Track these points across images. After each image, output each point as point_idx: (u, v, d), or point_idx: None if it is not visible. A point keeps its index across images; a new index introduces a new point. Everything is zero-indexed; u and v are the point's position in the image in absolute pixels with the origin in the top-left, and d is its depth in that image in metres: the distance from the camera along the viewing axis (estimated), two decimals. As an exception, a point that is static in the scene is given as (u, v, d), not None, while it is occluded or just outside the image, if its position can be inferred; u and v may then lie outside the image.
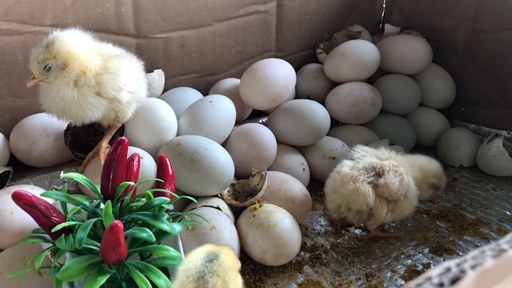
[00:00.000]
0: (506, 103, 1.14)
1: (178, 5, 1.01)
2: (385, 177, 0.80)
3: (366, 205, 0.80)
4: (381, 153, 0.85)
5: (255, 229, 0.78)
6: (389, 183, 0.79)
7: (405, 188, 0.81)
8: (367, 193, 0.79)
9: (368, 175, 0.80)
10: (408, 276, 0.80)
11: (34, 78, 0.73)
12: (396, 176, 0.80)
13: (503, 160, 1.06)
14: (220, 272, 0.42)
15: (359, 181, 0.79)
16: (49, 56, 0.71)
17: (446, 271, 0.25)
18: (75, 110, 0.74)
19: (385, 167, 0.81)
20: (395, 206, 0.82)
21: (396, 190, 0.80)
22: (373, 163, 0.82)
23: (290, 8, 1.18)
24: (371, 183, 0.80)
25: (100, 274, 0.51)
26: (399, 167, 0.82)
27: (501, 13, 1.09)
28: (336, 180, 0.82)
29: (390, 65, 1.19)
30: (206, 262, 0.42)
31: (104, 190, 0.62)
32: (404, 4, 1.32)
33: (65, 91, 0.72)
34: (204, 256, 0.43)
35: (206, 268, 0.42)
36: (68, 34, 0.74)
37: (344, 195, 0.80)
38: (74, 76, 0.72)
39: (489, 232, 0.91)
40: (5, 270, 0.69)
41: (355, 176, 0.80)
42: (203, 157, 0.80)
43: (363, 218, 0.83)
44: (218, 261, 0.43)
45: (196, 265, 0.42)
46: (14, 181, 0.85)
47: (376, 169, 0.81)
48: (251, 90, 1.01)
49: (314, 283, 0.77)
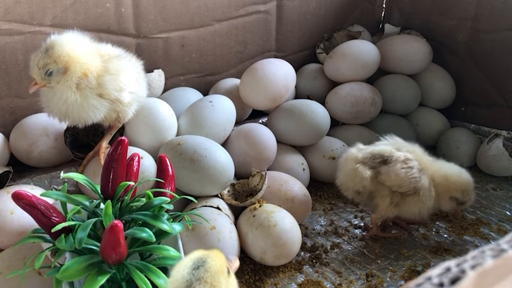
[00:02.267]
0: (506, 103, 1.14)
1: (178, 5, 1.01)
2: (389, 165, 0.80)
3: (363, 187, 0.82)
4: (406, 146, 0.84)
5: (255, 229, 0.78)
6: (390, 172, 0.79)
7: (412, 184, 0.80)
8: (364, 176, 0.81)
9: (373, 160, 0.81)
10: (408, 276, 0.80)
11: (36, 84, 0.72)
12: (403, 168, 0.79)
13: (503, 160, 1.06)
14: (207, 278, 0.41)
15: (359, 163, 0.82)
16: (49, 61, 0.70)
17: (446, 271, 0.25)
18: (78, 112, 0.74)
19: (394, 156, 0.81)
20: (401, 200, 0.81)
21: (397, 182, 0.79)
22: (383, 151, 0.82)
23: (290, 8, 1.18)
24: (374, 168, 0.81)
25: (100, 274, 0.51)
26: (413, 161, 0.81)
27: (501, 13, 1.09)
28: (342, 159, 0.86)
29: (390, 65, 1.19)
30: (193, 270, 0.42)
31: (104, 190, 0.62)
32: (404, 4, 1.32)
33: (67, 94, 0.72)
34: (191, 264, 0.43)
35: (193, 276, 0.42)
36: (67, 37, 0.73)
37: (345, 173, 0.85)
38: (76, 79, 0.72)
39: (489, 232, 0.91)
40: (5, 270, 0.69)
41: (357, 158, 0.83)
42: (203, 157, 0.80)
43: (367, 203, 0.86)
44: (204, 267, 0.42)
45: (183, 274, 0.42)
46: (14, 181, 0.85)
47: (384, 156, 0.81)
48: (251, 90, 1.01)
49: (314, 283, 0.77)
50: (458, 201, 0.83)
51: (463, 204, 0.85)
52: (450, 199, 0.83)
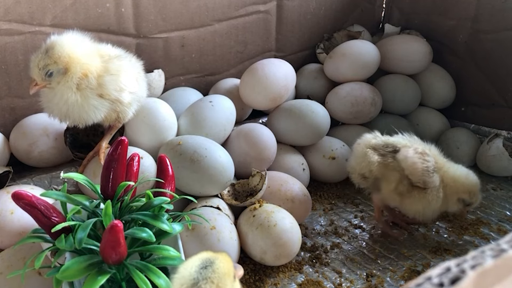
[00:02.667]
0: (506, 103, 1.14)
1: (178, 5, 1.01)
2: (402, 150, 0.81)
3: (369, 172, 0.83)
4: (423, 145, 0.85)
5: (255, 229, 0.78)
6: (408, 157, 0.80)
7: (424, 176, 0.80)
8: (371, 160, 0.82)
9: (385, 148, 0.83)
10: (408, 276, 0.80)
11: (36, 84, 0.72)
12: (420, 158, 0.80)
13: (503, 160, 1.06)
14: (214, 279, 0.42)
15: (370, 148, 0.84)
16: (50, 62, 0.70)
17: (446, 271, 0.25)
18: (79, 113, 0.74)
19: (407, 147, 0.82)
20: (407, 192, 0.82)
21: (411, 169, 0.80)
22: (397, 142, 0.83)
23: (290, 8, 1.18)
24: (383, 156, 0.82)
25: (100, 274, 0.51)
26: (430, 157, 0.81)
27: (501, 13, 1.09)
28: (356, 143, 0.88)
29: (390, 65, 1.19)
30: (201, 269, 0.42)
31: (104, 190, 0.62)
32: (404, 4, 1.32)
33: (68, 95, 0.72)
34: (199, 263, 0.43)
35: (200, 275, 0.42)
36: (67, 38, 0.73)
37: (355, 156, 0.87)
38: (76, 79, 0.72)
39: (489, 232, 0.91)
40: (5, 270, 0.69)
41: (370, 143, 0.84)
42: (203, 157, 0.80)
43: (372, 190, 0.87)
44: (212, 267, 0.42)
45: (191, 272, 0.42)
46: (14, 181, 0.85)
47: (396, 147, 0.83)
48: (251, 90, 1.01)
49: (314, 283, 0.77)
50: (465, 202, 0.84)
51: (470, 205, 0.85)
52: (458, 201, 0.84)
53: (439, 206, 0.83)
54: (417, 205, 0.82)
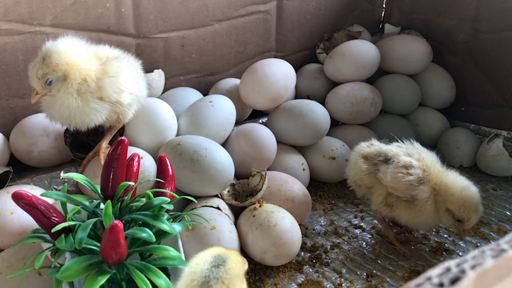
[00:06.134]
0: (506, 103, 1.14)
1: (178, 5, 1.01)
2: (388, 166, 0.80)
3: (360, 180, 0.84)
4: (419, 153, 0.81)
5: (255, 229, 0.78)
6: (388, 172, 0.79)
7: (407, 190, 0.77)
8: (361, 169, 0.83)
9: (377, 157, 0.82)
10: (408, 276, 0.80)
11: (37, 93, 0.72)
12: (401, 173, 0.77)
13: (503, 160, 1.06)
14: (225, 280, 0.42)
15: (362, 157, 0.84)
16: (48, 70, 0.69)
17: (446, 271, 0.25)
18: (80, 117, 0.74)
19: (397, 159, 0.79)
20: (396, 202, 0.80)
21: (392, 184, 0.78)
22: (388, 151, 0.82)
23: (290, 8, 1.18)
24: (374, 165, 0.82)
25: (100, 274, 0.51)
26: (416, 169, 0.78)
27: (501, 13, 1.09)
28: (353, 150, 0.89)
29: (390, 65, 1.19)
30: (213, 267, 0.42)
31: (104, 190, 0.62)
32: (404, 4, 1.32)
33: (69, 101, 0.72)
34: (211, 260, 0.43)
35: (212, 273, 0.42)
36: (62, 44, 0.72)
37: (350, 163, 0.88)
38: (76, 85, 0.71)
39: (489, 232, 0.91)
40: (5, 270, 0.69)
41: (363, 151, 0.84)
42: (203, 157, 0.80)
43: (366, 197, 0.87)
44: (224, 267, 0.42)
45: (203, 269, 0.42)
46: (14, 181, 0.85)
47: (387, 156, 0.81)
48: (251, 90, 1.01)
49: (314, 283, 0.77)
50: (454, 216, 0.77)
51: (461, 223, 0.77)
52: (447, 212, 0.78)
53: (432, 216, 0.79)
54: (406, 215, 0.80)
